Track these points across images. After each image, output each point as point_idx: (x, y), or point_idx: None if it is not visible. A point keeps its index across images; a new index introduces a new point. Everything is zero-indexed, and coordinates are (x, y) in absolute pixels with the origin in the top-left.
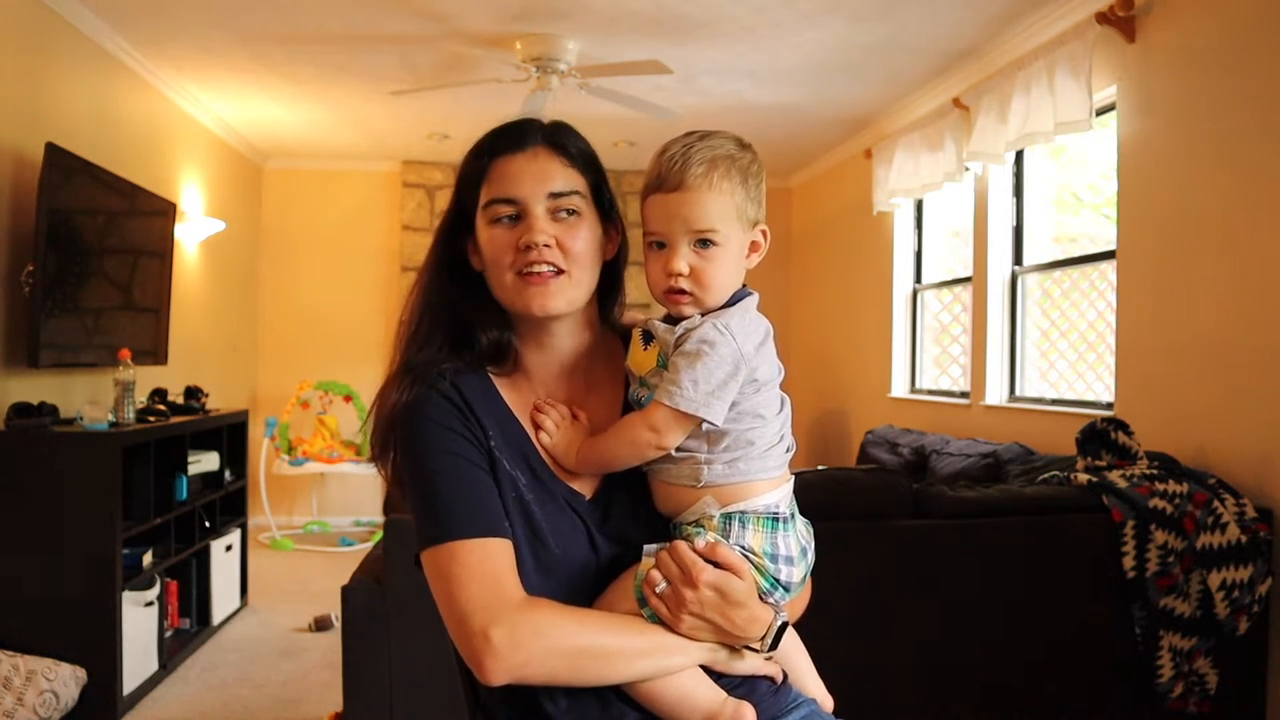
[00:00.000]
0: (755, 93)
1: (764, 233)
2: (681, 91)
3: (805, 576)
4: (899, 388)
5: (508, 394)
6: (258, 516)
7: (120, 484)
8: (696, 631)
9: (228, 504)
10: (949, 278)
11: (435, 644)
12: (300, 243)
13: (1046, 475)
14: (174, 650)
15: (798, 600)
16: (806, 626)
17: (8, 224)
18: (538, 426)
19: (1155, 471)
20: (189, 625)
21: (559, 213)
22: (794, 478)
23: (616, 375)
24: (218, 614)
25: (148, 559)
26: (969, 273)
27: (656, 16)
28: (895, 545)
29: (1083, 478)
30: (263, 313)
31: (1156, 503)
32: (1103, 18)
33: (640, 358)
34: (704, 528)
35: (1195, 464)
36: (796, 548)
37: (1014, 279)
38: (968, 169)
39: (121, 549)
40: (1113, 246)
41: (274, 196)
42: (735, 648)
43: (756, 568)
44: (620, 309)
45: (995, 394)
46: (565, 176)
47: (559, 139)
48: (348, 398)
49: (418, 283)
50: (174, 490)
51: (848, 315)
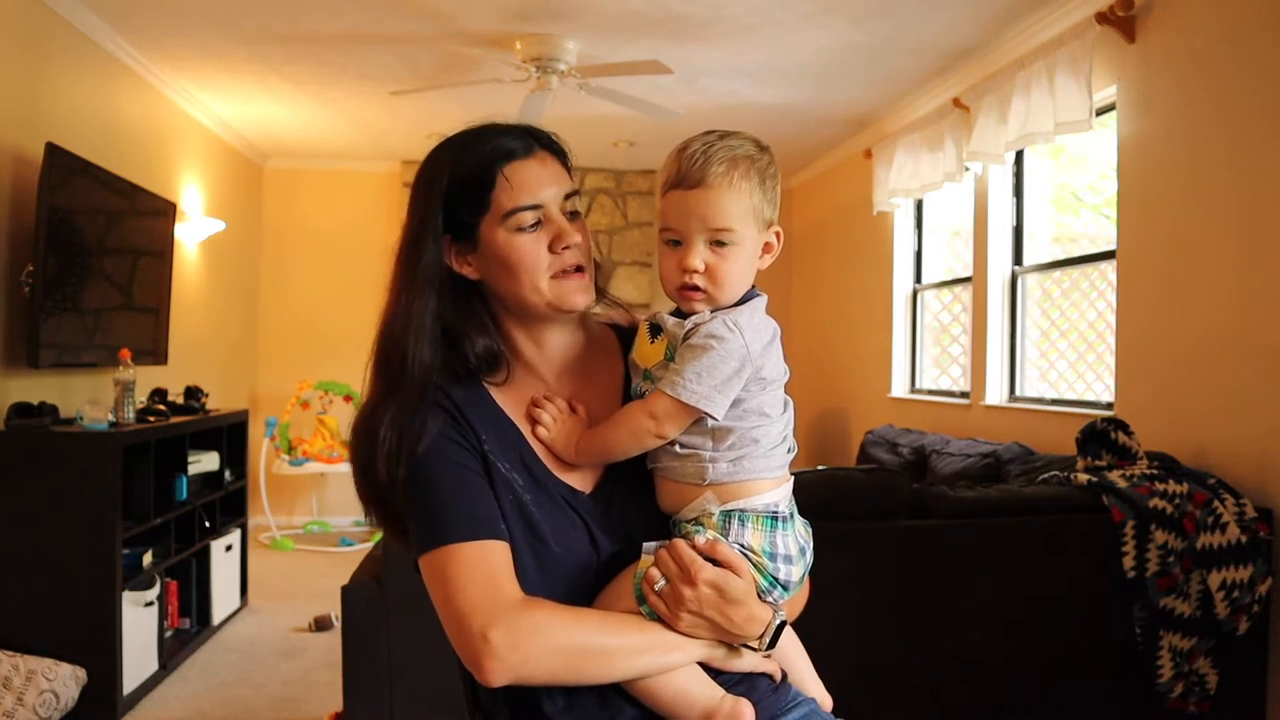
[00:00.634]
0: (755, 93)
1: (777, 234)
2: (681, 91)
3: (804, 576)
4: (899, 388)
5: (502, 399)
6: (258, 516)
7: (120, 484)
8: (695, 629)
9: (228, 504)
10: (949, 278)
11: (435, 644)
12: (300, 243)
13: (1046, 475)
14: (174, 650)
15: (796, 599)
16: (805, 626)
17: (8, 224)
18: (535, 421)
19: (1155, 471)
20: (189, 625)
21: (569, 213)
22: (793, 478)
23: (612, 369)
24: (218, 614)
25: (148, 559)
26: (969, 273)
27: (656, 16)
28: (895, 545)
29: (1083, 478)
30: (263, 313)
31: (1156, 503)
32: (1103, 18)
33: (647, 350)
34: (704, 525)
35: (1195, 464)
36: (795, 547)
37: (1014, 279)
38: (968, 169)
39: (121, 549)
40: (1113, 246)
41: (274, 196)
42: (734, 645)
43: (755, 566)
44: (603, 293)
45: (995, 394)
46: (568, 179)
47: (550, 141)
48: (348, 398)
49: (400, 300)
50: (174, 490)
51: (848, 315)
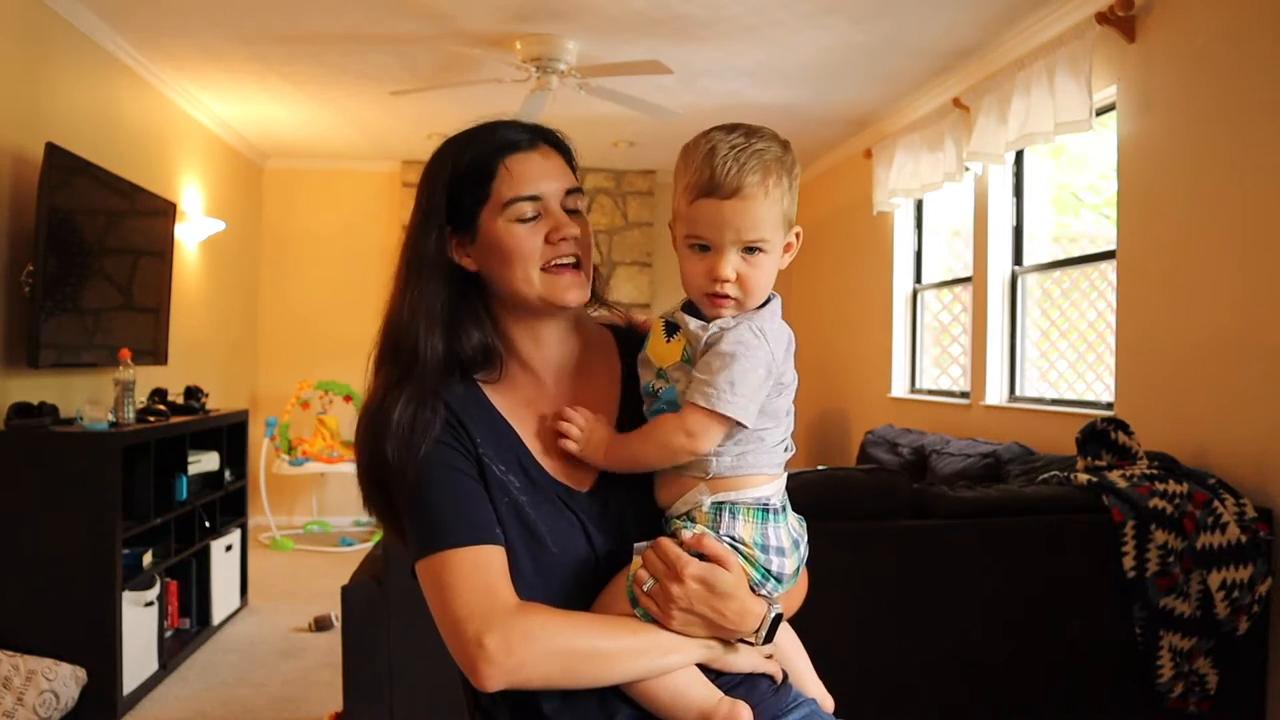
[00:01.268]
0: (755, 93)
1: (798, 235)
2: (681, 91)
3: (798, 569)
4: (899, 388)
5: (497, 398)
6: (258, 516)
7: (120, 484)
8: (689, 627)
9: (228, 504)
10: (949, 278)
11: (435, 644)
12: (300, 243)
13: (1046, 475)
14: (174, 650)
15: (793, 596)
16: (805, 626)
17: (8, 224)
18: (563, 435)
19: (1155, 471)
20: (189, 625)
21: (570, 209)
22: (786, 475)
23: (609, 369)
24: (218, 614)
25: (148, 559)
26: (969, 273)
27: (656, 16)
28: (895, 545)
29: (1083, 478)
30: (263, 313)
31: (1156, 503)
32: (1103, 18)
33: (663, 349)
34: (694, 520)
35: (1195, 464)
36: (788, 540)
37: (1014, 279)
38: (968, 169)
39: (121, 549)
40: (1113, 246)
41: (274, 196)
42: (730, 642)
43: (747, 558)
44: (600, 298)
45: (995, 394)
46: (570, 176)
47: (554, 138)
48: (348, 398)
49: (407, 291)
50: (174, 490)
51: (848, 315)
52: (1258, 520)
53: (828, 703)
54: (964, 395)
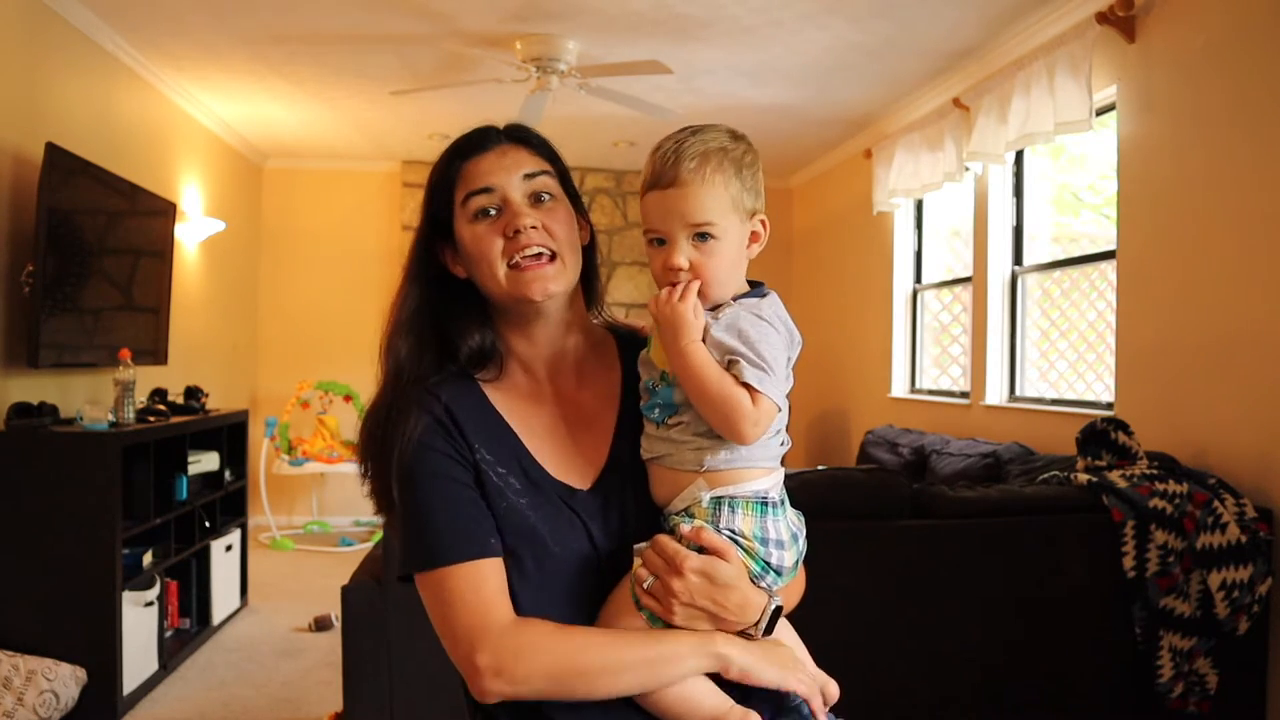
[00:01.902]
0: (755, 93)
1: (763, 222)
2: (681, 91)
3: (797, 562)
4: (899, 388)
5: (497, 399)
6: (258, 516)
7: (120, 484)
8: (691, 621)
9: (228, 504)
10: (949, 278)
11: (435, 644)
12: (300, 243)
13: (1046, 475)
14: (174, 650)
15: (793, 589)
16: (805, 625)
17: (8, 224)
18: (672, 282)
19: (1155, 471)
20: (189, 625)
21: (538, 198)
22: (784, 471)
23: (610, 371)
24: (218, 614)
25: (148, 559)
26: (969, 273)
27: (656, 16)
28: (895, 545)
29: (1083, 478)
30: (263, 313)
31: (1156, 503)
32: (1103, 18)
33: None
34: (693, 515)
35: (1195, 464)
36: (787, 533)
37: (1014, 279)
38: (968, 169)
39: (121, 549)
40: (1113, 246)
41: (274, 196)
42: (732, 631)
43: (746, 551)
44: (601, 298)
45: (995, 394)
46: (534, 161)
47: (521, 134)
48: (348, 398)
49: (396, 299)
50: (174, 490)
51: (848, 315)
52: (1258, 520)
53: (831, 687)
54: (964, 395)
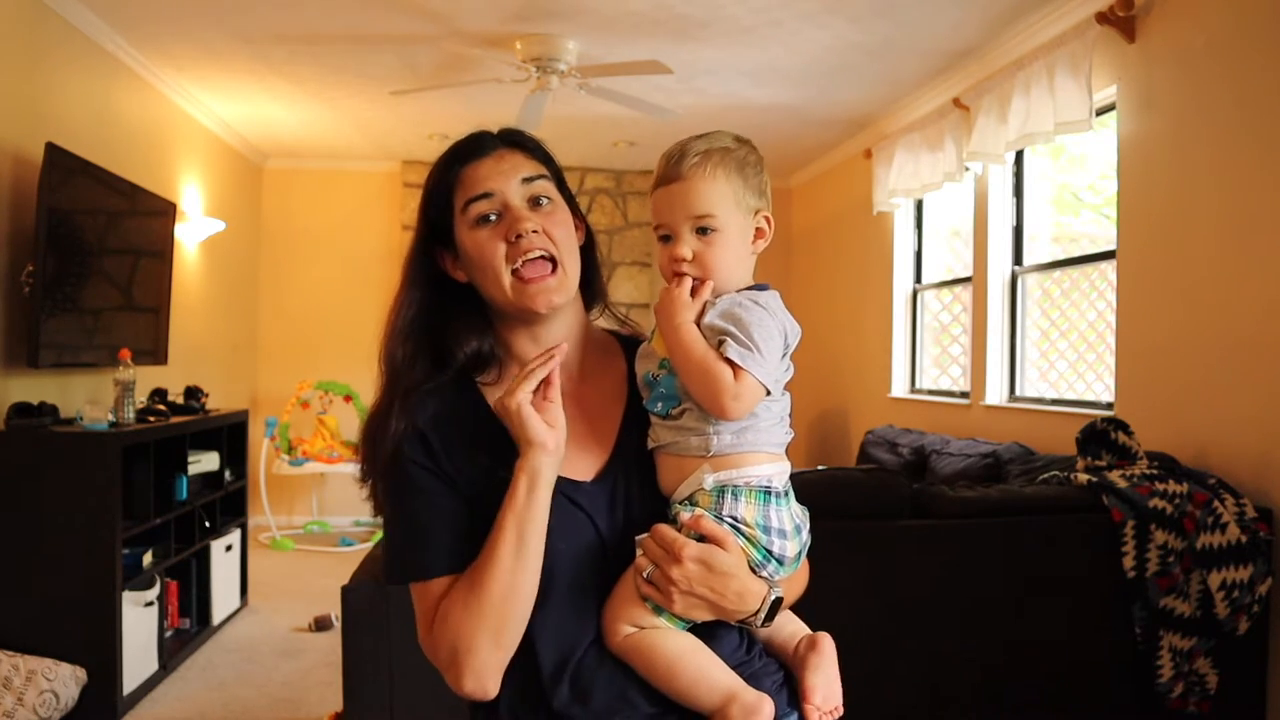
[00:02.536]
0: (755, 93)
1: (767, 219)
2: (681, 91)
3: (800, 554)
4: (899, 388)
5: (495, 399)
6: (258, 516)
7: (120, 484)
8: (691, 610)
9: (228, 504)
10: (949, 278)
11: None
12: (300, 243)
13: (1046, 475)
14: (174, 650)
15: (795, 581)
16: (805, 624)
17: (8, 224)
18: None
19: (1155, 471)
20: (189, 625)
21: (537, 202)
22: (790, 464)
23: (613, 372)
24: (218, 614)
25: (148, 559)
26: (969, 273)
27: (656, 16)
28: (895, 545)
29: (1083, 478)
30: (263, 313)
31: (1156, 503)
32: (1103, 18)
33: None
34: (696, 504)
35: (1195, 464)
36: (790, 523)
37: (1014, 279)
38: (968, 169)
39: (121, 549)
40: (1113, 246)
41: (274, 196)
42: (732, 620)
43: (748, 539)
44: (604, 293)
45: (995, 394)
46: (531, 165)
47: (517, 138)
48: (348, 398)
49: (395, 304)
50: (174, 490)
51: (848, 315)
52: (1258, 520)
53: (824, 640)
54: (964, 395)
